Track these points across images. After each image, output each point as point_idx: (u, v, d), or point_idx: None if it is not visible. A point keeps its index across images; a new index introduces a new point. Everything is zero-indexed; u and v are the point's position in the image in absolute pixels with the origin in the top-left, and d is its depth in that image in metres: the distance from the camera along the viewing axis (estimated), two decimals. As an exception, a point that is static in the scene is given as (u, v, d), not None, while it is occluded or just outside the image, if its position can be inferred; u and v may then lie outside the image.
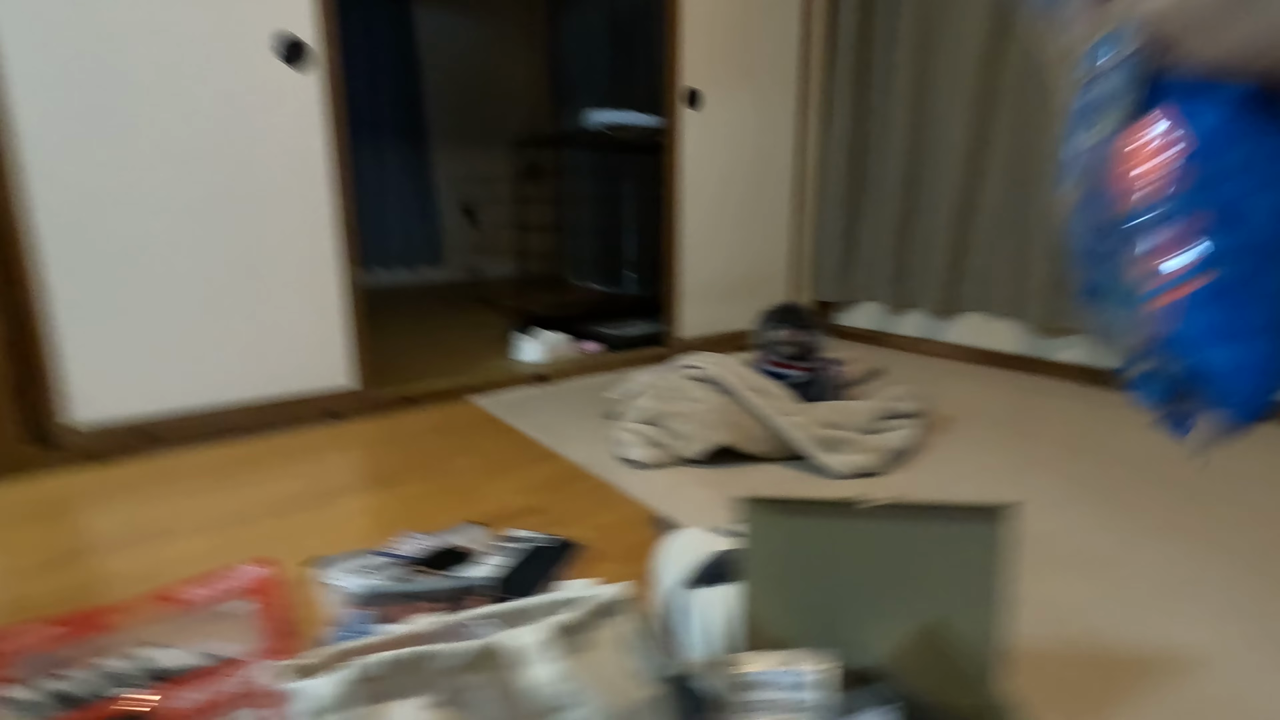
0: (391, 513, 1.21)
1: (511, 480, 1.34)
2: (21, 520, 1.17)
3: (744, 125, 2.38)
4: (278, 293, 1.59)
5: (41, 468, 1.38)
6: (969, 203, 2.22)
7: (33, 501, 1.24)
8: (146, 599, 0.90)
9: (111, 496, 1.26)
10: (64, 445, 1.40)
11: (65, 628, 0.81)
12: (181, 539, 1.11)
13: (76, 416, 1.41)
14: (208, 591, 0.90)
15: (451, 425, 1.66)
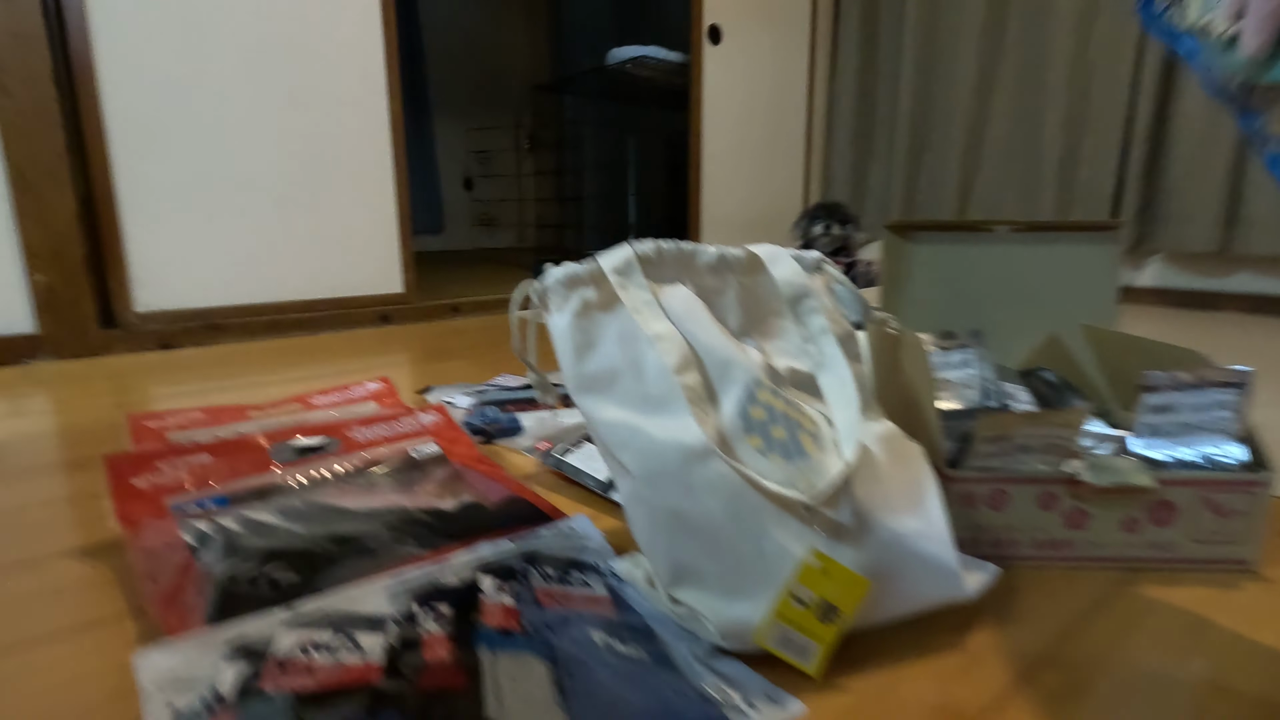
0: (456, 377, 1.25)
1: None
2: (96, 384, 1.19)
3: (760, 63, 2.47)
4: (341, 195, 1.62)
5: (112, 350, 1.39)
6: (976, 137, 2.33)
7: (105, 373, 1.25)
8: (279, 401, 0.93)
9: (178, 373, 1.29)
10: (134, 330, 1.41)
11: (205, 414, 0.84)
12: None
13: (146, 304, 1.43)
14: (336, 396, 0.94)
15: (499, 327, 1.71)
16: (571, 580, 0.48)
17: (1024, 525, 0.55)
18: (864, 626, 0.46)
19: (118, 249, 1.38)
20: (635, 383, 0.46)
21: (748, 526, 0.42)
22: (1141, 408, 0.54)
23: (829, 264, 0.55)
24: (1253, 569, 0.55)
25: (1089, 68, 2.07)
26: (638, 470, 0.45)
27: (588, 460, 0.70)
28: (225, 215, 1.49)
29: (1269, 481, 0.53)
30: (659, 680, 0.39)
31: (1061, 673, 0.43)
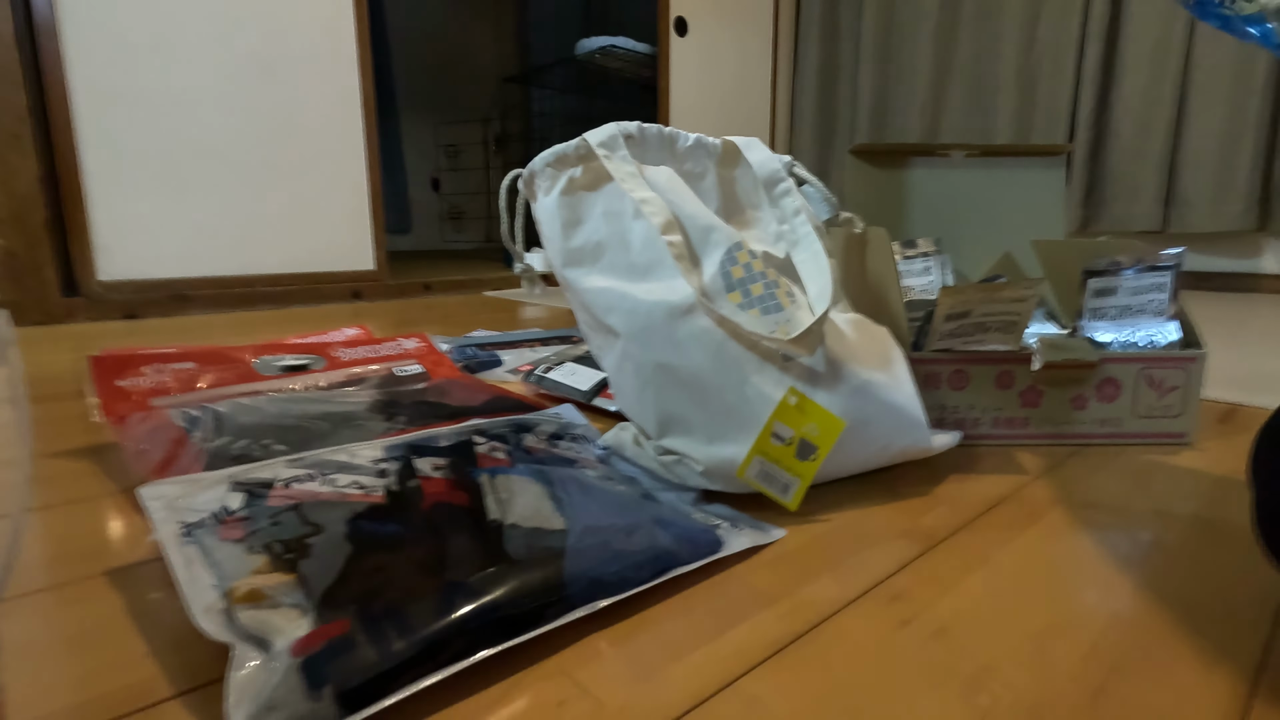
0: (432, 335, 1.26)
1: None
2: (57, 348, 1.17)
3: (725, 55, 2.54)
4: (313, 170, 1.62)
5: (75, 319, 1.36)
6: (933, 130, 2.42)
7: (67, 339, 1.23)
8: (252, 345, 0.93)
9: (141, 342, 1.27)
10: (97, 298, 1.38)
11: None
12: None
13: (110, 272, 1.40)
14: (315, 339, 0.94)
15: (472, 303, 1.72)
16: (560, 446, 0.50)
17: (984, 404, 0.58)
18: (841, 474, 0.49)
19: (81, 216, 1.36)
20: (622, 253, 0.49)
21: (731, 374, 0.45)
22: (1086, 292, 0.59)
23: (799, 166, 0.59)
24: (1190, 443, 0.59)
25: (1035, 62, 2.17)
26: (626, 329, 0.48)
27: (569, 375, 0.72)
28: (194, 185, 1.47)
29: (1201, 357, 0.57)
30: (648, 507, 0.41)
31: (1017, 507, 0.47)
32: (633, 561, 0.35)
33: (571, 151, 0.50)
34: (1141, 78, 1.96)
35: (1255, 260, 1.91)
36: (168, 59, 1.41)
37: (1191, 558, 0.40)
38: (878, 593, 0.36)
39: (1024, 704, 0.28)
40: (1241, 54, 1.79)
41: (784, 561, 0.39)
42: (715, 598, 0.35)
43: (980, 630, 0.33)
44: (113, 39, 1.35)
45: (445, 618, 0.29)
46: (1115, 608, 0.34)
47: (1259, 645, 0.31)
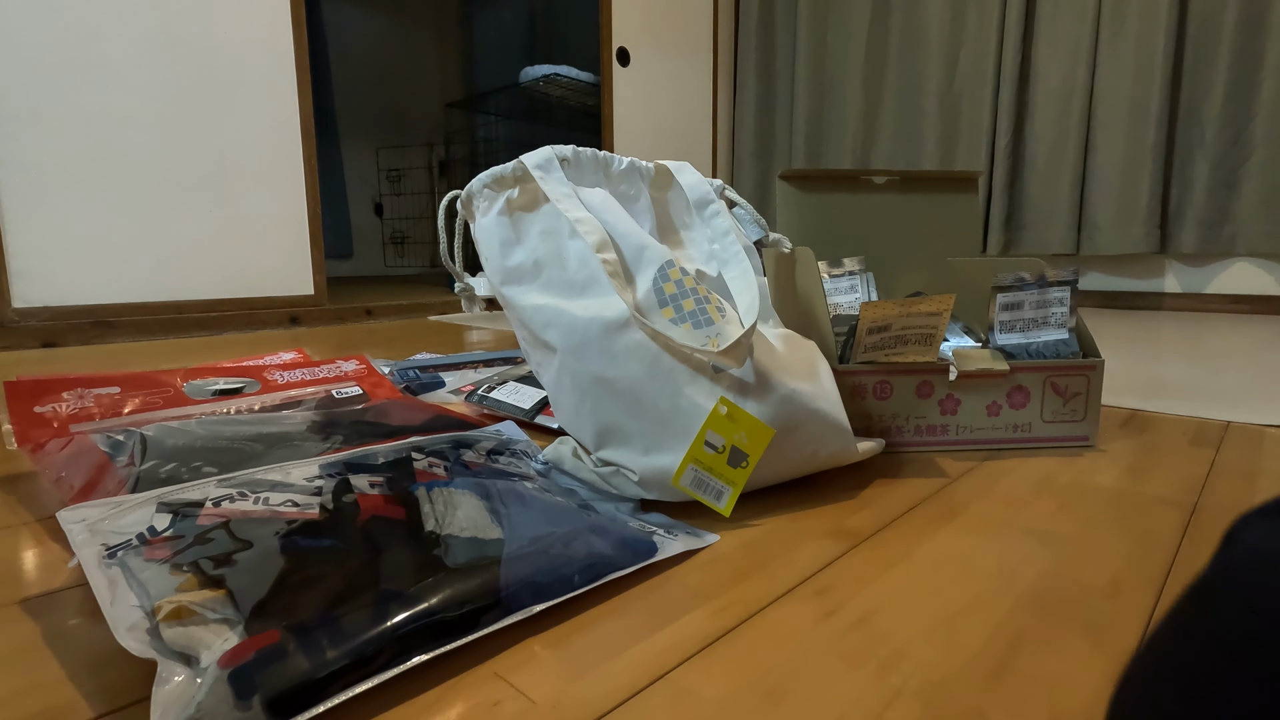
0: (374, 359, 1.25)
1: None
2: (-12, 370, 1.11)
3: (667, 86, 2.61)
4: (247, 192, 1.58)
5: (-15, 349, 1.29)
6: (865, 159, 2.54)
7: (-10, 364, 1.16)
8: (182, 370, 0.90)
9: (60, 370, 1.21)
10: (11, 326, 1.31)
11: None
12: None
13: (26, 298, 1.33)
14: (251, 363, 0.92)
15: (416, 329, 1.70)
16: (500, 461, 0.51)
17: (907, 412, 0.62)
18: (772, 480, 0.51)
19: (-5, 240, 1.30)
20: (558, 271, 0.50)
21: (665, 386, 0.47)
22: (995, 306, 0.63)
23: (730, 189, 0.62)
24: (1093, 444, 0.64)
25: (956, 97, 2.31)
26: (564, 345, 0.49)
27: (511, 394, 0.73)
28: (121, 207, 1.42)
29: (1099, 365, 0.62)
30: (586, 516, 0.42)
31: (936, 507, 0.49)
32: (569, 567, 0.36)
33: (509, 173, 0.52)
34: (1051, 112, 2.11)
35: (1158, 280, 2.06)
36: (93, 78, 1.37)
37: (1087, 546, 0.43)
38: (804, 588, 0.38)
39: (932, 680, 0.30)
40: (1138, 90, 1.94)
41: (717, 563, 0.41)
42: (650, 599, 0.37)
43: (897, 618, 0.35)
44: (28, 58, 1.31)
45: (379, 625, 0.30)
46: (1018, 592, 0.37)
47: (1142, 620, 0.34)
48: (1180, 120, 1.93)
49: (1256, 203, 1.82)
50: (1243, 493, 0.52)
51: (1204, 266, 1.98)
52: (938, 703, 0.28)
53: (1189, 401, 0.81)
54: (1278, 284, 1.87)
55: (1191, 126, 1.91)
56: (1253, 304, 1.92)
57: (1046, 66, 2.11)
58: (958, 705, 0.28)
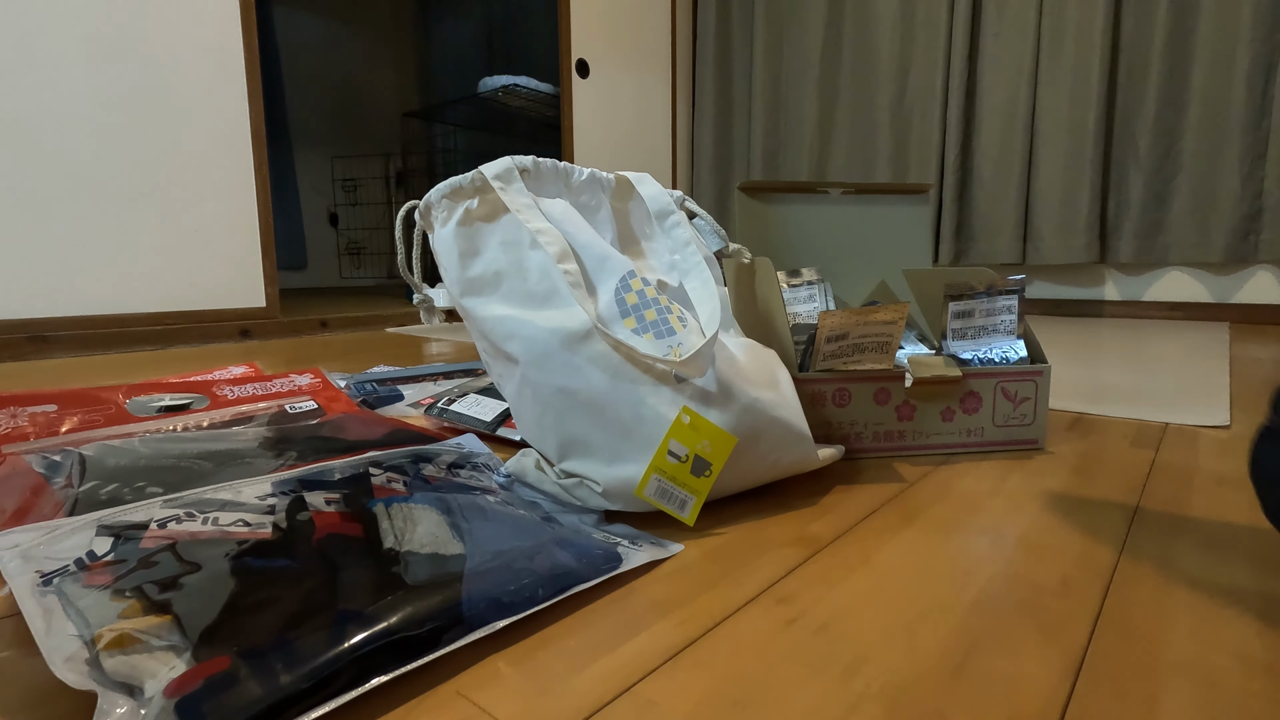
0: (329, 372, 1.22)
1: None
2: (-90, 388, 1.04)
3: (627, 98, 2.63)
4: (195, 202, 1.53)
5: (-93, 366, 1.22)
6: (820, 167, 2.60)
7: (-87, 382, 1.10)
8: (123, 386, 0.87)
9: None
10: (-64, 343, 1.24)
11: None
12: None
13: (-49, 313, 1.26)
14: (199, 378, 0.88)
15: (372, 341, 1.67)
16: (461, 474, 0.50)
17: (865, 419, 0.63)
18: (735, 489, 0.51)
19: (-81, 251, 1.23)
20: (519, 282, 0.50)
21: (627, 397, 0.47)
22: (947, 315, 0.65)
23: (690, 200, 0.62)
24: (1042, 447, 0.66)
25: (907, 112, 2.38)
26: (525, 355, 0.48)
27: (472, 406, 0.72)
28: (59, 217, 1.36)
29: (1046, 371, 0.65)
30: (549, 529, 0.42)
31: (895, 512, 0.50)
32: (532, 581, 0.36)
33: (467, 184, 0.51)
34: (996, 129, 2.19)
35: (1099, 288, 2.15)
36: (28, 83, 1.32)
37: (1038, 546, 0.44)
38: (767, 596, 0.38)
39: (895, 684, 0.30)
40: (1076, 108, 2.03)
41: (682, 573, 0.41)
42: (615, 611, 0.36)
43: (859, 623, 0.35)
44: (-38, 61, 1.25)
45: (336, 647, 0.29)
46: (974, 593, 0.38)
47: (1091, 617, 0.36)
48: (1115, 137, 2.02)
49: (1186, 215, 1.92)
50: (1181, 491, 0.54)
51: (1140, 275, 2.08)
52: (900, 706, 0.29)
53: (1130, 405, 0.85)
54: (1207, 291, 1.97)
55: (1126, 143, 2.00)
56: (1185, 310, 2.01)
57: (991, 85, 2.19)
58: (919, 708, 0.29)
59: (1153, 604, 0.37)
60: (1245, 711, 0.28)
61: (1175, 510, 0.50)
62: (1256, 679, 0.30)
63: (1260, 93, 1.80)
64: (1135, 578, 0.40)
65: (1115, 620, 0.35)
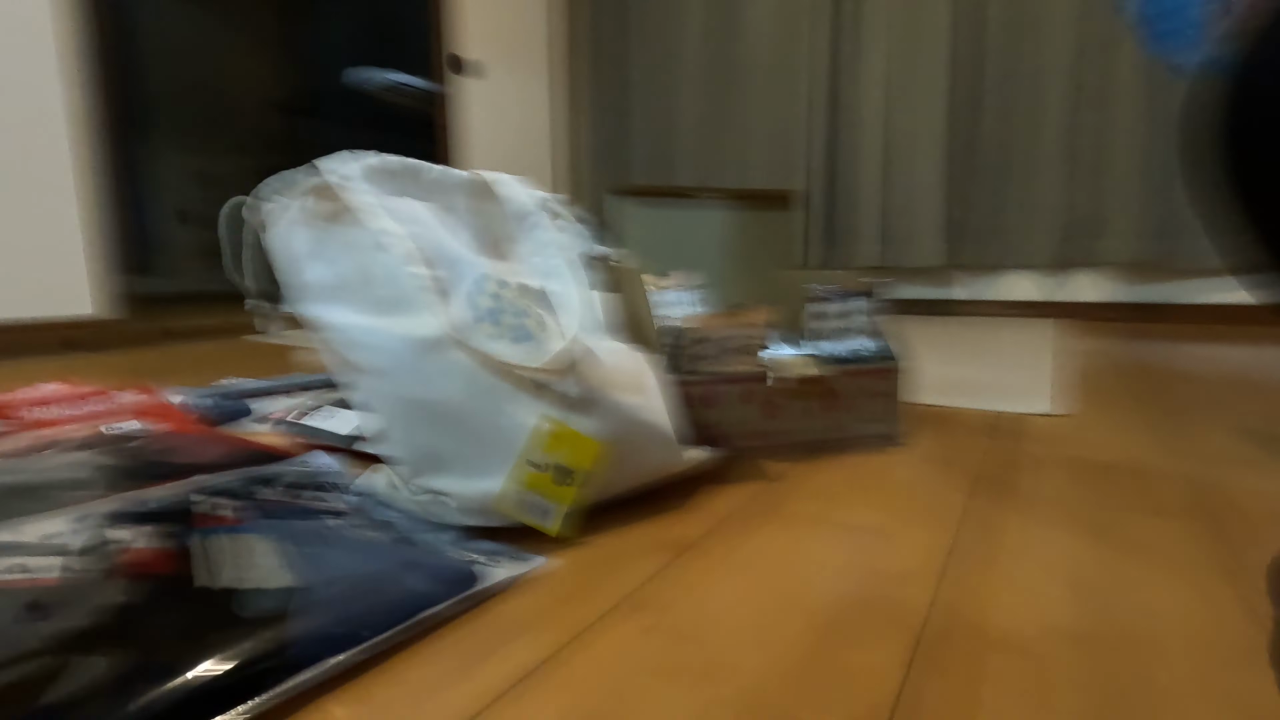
0: (196, 380, 1.11)
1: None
2: None
3: (510, 97, 2.58)
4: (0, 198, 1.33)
5: None
6: (704, 173, 2.67)
7: None
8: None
9: None
10: None
11: None
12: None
13: None
14: None
15: (226, 351, 1.53)
16: (304, 496, 0.46)
17: (732, 419, 0.64)
18: (601, 499, 0.50)
19: None
20: (365, 287, 0.47)
21: (485, 406, 0.45)
22: (808, 316, 0.68)
23: (557, 202, 0.61)
24: (897, 440, 0.70)
25: (780, 123, 2.49)
26: (373, 366, 0.45)
27: (326, 419, 0.67)
28: None
29: (899, 367, 0.69)
30: (400, 551, 0.39)
31: (757, 509, 0.52)
32: (375, 611, 0.33)
33: (305, 180, 0.47)
34: (857, 138, 2.34)
35: (950, 289, 2.35)
36: None
37: (887, 535, 0.47)
38: (627, 604, 0.37)
39: (745, 686, 0.30)
40: (926, 123, 2.21)
41: (542, 588, 0.39)
42: (467, 635, 0.34)
43: (714, 624, 0.35)
44: None
45: (126, 707, 0.25)
46: (826, 586, 0.39)
47: (929, 600, 0.38)
48: (959, 149, 2.21)
49: (1020, 222, 2.13)
50: (1009, 473, 0.59)
51: (983, 277, 2.28)
52: (749, 709, 0.29)
53: (972, 396, 0.92)
54: (1037, 291, 2.20)
55: (968, 154, 2.20)
56: (1022, 309, 2.24)
57: (853, 97, 2.34)
58: (768, 708, 0.29)
59: (980, 584, 0.40)
60: (1052, 678, 0.31)
61: (1004, 493, 0.55)
62: (1065, 648, 0.33)
63: (1072, 116, 2.03)
64: (967, 559, 0.43)
65: (947, 602, 0.37)
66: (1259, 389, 0.96)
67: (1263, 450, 0.66)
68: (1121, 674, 0.31)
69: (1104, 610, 0.36)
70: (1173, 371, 1.11)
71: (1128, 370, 1.13)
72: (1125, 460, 0.63)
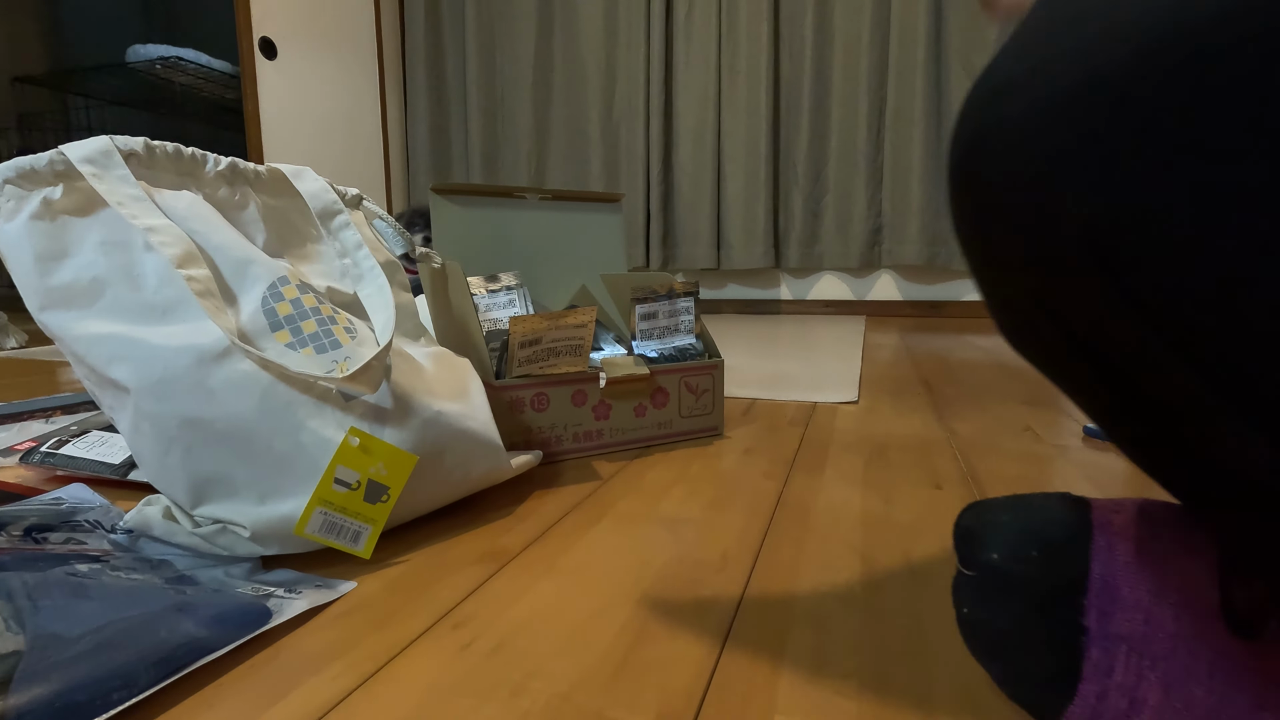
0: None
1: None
2: None
3: (325, 86, 2.39)
4: None
5: None
6: (539, 174, 2.65)
7: None
8: None
9: None
10: None
11: None
12: None
13: None
14: None
15: (-24, 367, 1.27)
16: (51, 540, 0.39)
17: (564, 422, 0.64)
18: (423, 509, 0.48)
19: None
20: (129, 292, 0.41)
21: (282, 421, 0.41)
22: (635, 317, 0.69)
23: (369, 200, 0.57)
24: (721, 433, 0.74)
25: (615, 126, 2.54)
26: (139, 383, 0.39)
27: (92, 447, 0.57)
28: None
29: (720, 365, 0.72)
30: (174, 593, 0.34)
31: (586, 512, 0.52)
32: (135, 665, 0.29)
33: (45, 166, 0.40)
34: (690, 147, 2.44)
35: (776, 290, 2.52)
36: None
37: (707, 527, 0.48)
38: (443, 623, 0.35)
39: (559, 693, 0.30)
40: (751, 133, 2.36)
41: (350, 615, 0.36)
42: (261, 677, 0.31)
43: (534, 635, 0.34)
44: None
45: None
46: (647, 583, 0.40)
47: (742, 584, 0.40)
48: (781, 161, 2.38)
49: (833, 229, 2.34)
50: (819, 459, 0.64)
51: (804, 278, 2.48)
52: (562, 716, 0.28)
53: (791, 389, 0.99)
54: (850, 291, 2.43)
55: (789, 166, 2.38)
56: (837, 307, 2.46)
57: (684, 107, 2.44)
58: (580, 713, 0.29)
59: (788, 565, 0.42)
60: (845, 645, 0.33)
61: (814, 478, 0.59)
62: (855, 616, 0.36)
63: (876, 133, 2.27)
64: (778, 543, 0.45)
65: (759, 585, 0.40)
66: (1021, 375, 1.12)
67: (1022, 429, 0.77)
68: (894, 636, 0.34)
69: (887, 580, 0.40)
70: (954, 360, 1.28)
71: (919, 359, 1.28)
72: (914, 440, 0.71)
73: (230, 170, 0.47)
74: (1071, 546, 0.23)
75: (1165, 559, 0.23)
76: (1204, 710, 0.21)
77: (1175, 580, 0.22)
